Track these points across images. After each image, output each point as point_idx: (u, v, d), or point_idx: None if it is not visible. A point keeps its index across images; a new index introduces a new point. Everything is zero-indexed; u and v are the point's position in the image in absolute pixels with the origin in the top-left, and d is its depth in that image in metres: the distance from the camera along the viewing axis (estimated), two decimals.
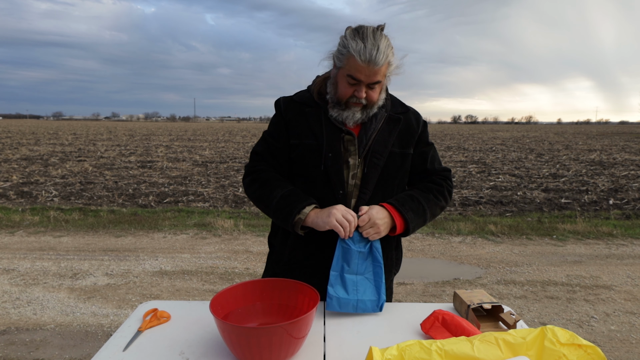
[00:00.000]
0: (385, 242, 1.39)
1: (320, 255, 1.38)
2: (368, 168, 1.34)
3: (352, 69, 1.24)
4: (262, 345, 1.01)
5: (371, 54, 1.20)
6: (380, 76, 1.26)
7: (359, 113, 1.32)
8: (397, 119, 1.40)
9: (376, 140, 1.36)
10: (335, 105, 1.34)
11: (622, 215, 6.85)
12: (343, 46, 1.26)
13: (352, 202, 1.35)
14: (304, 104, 1.39)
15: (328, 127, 1.34)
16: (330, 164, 1.32)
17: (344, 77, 1.28)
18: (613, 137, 35.18)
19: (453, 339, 0.95)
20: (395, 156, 1.38)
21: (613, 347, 2.93)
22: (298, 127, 1.37)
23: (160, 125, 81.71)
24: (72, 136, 29.26)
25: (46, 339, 2.98)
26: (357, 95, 1.28)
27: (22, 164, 12.76)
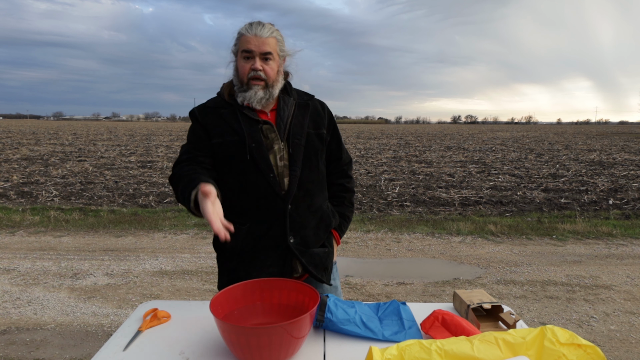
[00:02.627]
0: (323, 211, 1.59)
1: (272, 234, 1.46)
2: (292, 148, 1.46)
3: (243, 44, 1.42)
4: (262, 345, 1.01)
5: (257, 27, 1.42)
6: (269, 47, 1.42)
7: (260, 91, 1.44)
8: (306, 104, 1.56)
9: (293, 124, 1.49)
10: (240, 90, 1.46)
11: (621, 215, 6.85)
12: (236, 35, 1.47)
13: (285, 181, 1.46)
14: (218, 107, 1.49)
15: (245, 121, 1.45)
16: (255, 152, 1.42)
17: (240, 57, 1.44)
18: (613, 137, 35.18)
19: (453, 339, 0.95)
20: (312, 136, 1.53)
21: (613, 347, 2.93)
22: (218, 128, 1.46)
23: (161, 125, 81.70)
24: (73, 136, 29.26)
25: (46, 339, 2.98)
26: (253, 67, 1.41)
27: (22, 164, 12.76)
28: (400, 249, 5.06)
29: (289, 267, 1.48)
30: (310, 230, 1.51)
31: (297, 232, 1.48)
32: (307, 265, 1.48)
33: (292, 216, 1.45)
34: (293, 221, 1.46)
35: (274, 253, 1.46)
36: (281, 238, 1.46)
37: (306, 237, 1.50)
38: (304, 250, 1.49)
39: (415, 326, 1.25)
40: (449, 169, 12.48)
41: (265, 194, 1.43)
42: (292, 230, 1.46)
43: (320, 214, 1.56)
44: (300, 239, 1.49)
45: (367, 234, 5.70)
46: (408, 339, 1.13)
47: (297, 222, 1.47)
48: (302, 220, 1.48)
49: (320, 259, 1.54)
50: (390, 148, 20.84)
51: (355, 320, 1.22)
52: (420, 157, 16.04)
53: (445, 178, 10.74)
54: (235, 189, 1.46)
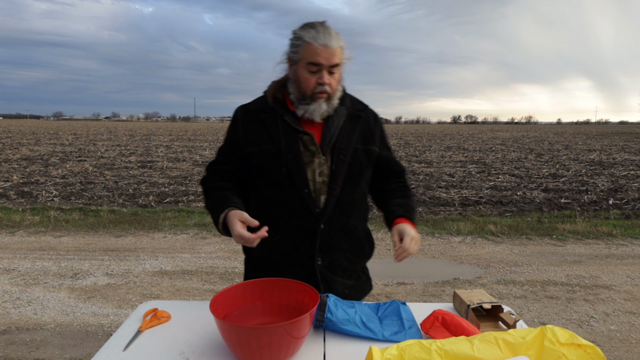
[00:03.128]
0: (358, 234, 1.48)
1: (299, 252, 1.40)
2: (336, 165, 1.36)
3: (310, 55, 1.29)
4: (262, 345, 1.01)
5: (325, 37, 1.28)
6: (337, 58, 1.31)
7: (324, 104, 1.35)
8: (358, 116, 1.44)
9: (340, 137, 1.39)
10: (301, 102, 1.36)
11: (621, 215, 6.85)
12: (296, 39, 1.32)
13: (321, 198, 1.37)
14: (260, 111, 1.42)
15: (285, 130, 1.36)
16: (291, 165, 1.34)
17: (304, 68, 1.32)
18: (612, 137, 35.18)
19: (453, 339, 0.95)
20: (359, 152, 1.41)
21: (613, 347, 2.93)
22: (255, 135, 1.40)
23: (161, 125, 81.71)
24: (73, 136, 29.26)
25: (46, 339, 2.98)
26: (320, 82, 1.31)
27: (22, 164, 12.76)
28: None
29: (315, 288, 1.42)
30: (341, 254, 1.42)
31: (327, 253, 1.39)
32: (323, 291, 1.38)
33: (324, 236, 1.37)
34: (324, 242, 1.37)
35: (300, 271, 1.39)
36: (309, 257, 1.38)
37: (336, 261, 1.41)
38: (329, 276, 1.41)
39: (415, 326, 1.25)
40: (449, 169, 12.48)
41: (298, 210, 1.35)
42: (322, 252, 1.38)
43: (355, 236, 1.46)
44: (330, 262, 1.40)
45: None
46: (408, 339, 1.13)
47: (328, 243, 1.38)
48: (333, 242, 1.39)
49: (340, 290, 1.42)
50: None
51: (355, 320, 1.22)
52: (420, 157, 16.04)
53: (445, 178, 10.74)
54: (268, 200, 1.39)
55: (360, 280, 1.52)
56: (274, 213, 1.38)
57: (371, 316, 1.27)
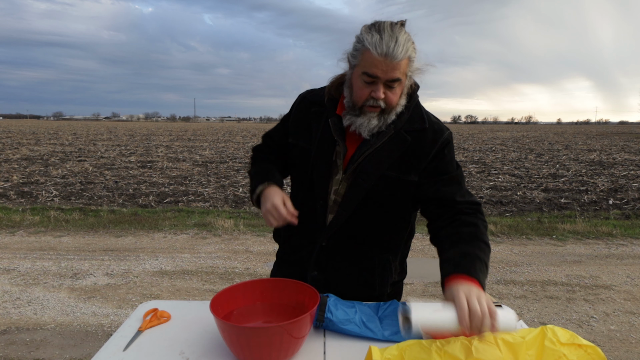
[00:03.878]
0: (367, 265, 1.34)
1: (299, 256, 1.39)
2: (350, 187, 1.23)
3: (367, 64, 1.11)
4: (262, 345, 1.01)
5: (388, 46, 1.07)
6: (399, 73, 1.11)
7: (375, 119, 1.17)
8: (405, 138, 1.20)
9: (368, 159, 1.20)
10: (350, 111, 1.20)
11: (621, 215, 6.85)
12: (357, 42, 1.14)
13: (329, 217, 1.28)
14: (313, 103, 1.31)
15: (324, 133, 1.25)
16: (316, 171, 1.26)
17: (359, 77, 1.14)
18: (613, 137, 35.17)
19: (453, 339, 0.95)
20: (388, 180, 1.22)
21: (613, 347, 2.93)
22: (300, 127, 1.32)
23: (161, 125, 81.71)
24: (73, 136, 29.26)
25: (46, 339, 2.98)
26: (374, 96, 1.13)
27: (22, 164, 12.75)
28: None
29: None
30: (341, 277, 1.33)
31: (324, 270, 1.33)
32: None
33: (324, 253, 1.30)
34: (323, 258, 1.32)
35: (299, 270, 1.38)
36: (304, 266, 1.36)
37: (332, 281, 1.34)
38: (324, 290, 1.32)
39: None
40: None
41: (308, 216, 1.29)
42: (318, 266, 1.33)
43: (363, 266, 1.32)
44: (325, 279, 1.34)
45: None
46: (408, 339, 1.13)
47: (328, 262, 1.32)
48: (334, 263, 1.32)
49: None
50: None
51: (355, 320, 1.22)
52: None
53: None
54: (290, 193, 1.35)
55: None
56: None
57: (371, 316, 1.27)
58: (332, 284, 1.35)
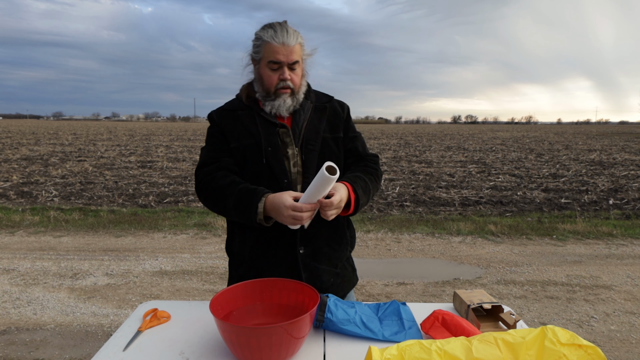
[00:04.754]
0: (338, 222, 1.50)
1: (281, 243, 1.43)
2: (306, 155, 1.43)
3: (270, 54, 1.36)
4: (262, 345, 1.01)
5: (282, 35, 1.35)
6: (296, 55, 1.38)
7: (289, 99, 1.41)
8: (324, 107, 1.51)
9: (308, 129, 1.45)
10: (266, 98, 1.43)
11: (622, 215, 6.85)
12: (256, 40, 1.40)
13: (297, 188, 1.42)
14: (235, 110, 1.47)
15: (262, 124, 1.42)
16: (271, 157, 1.40)
17: (266, 67, 1.39)
18: (613, 137, 35.18)
19: (453, 339, 0.95)
20: (328, 141, 1.48)
21: (613, 347, 2.93)
22: (235, 131, 1.44)
23: (161, 125, 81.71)
24: (72, 136, 29.26)
25: (46, 339, 2.98)
26: (282, 78, 1.38)
27: (22, 164, 12.76)
28: (400, 249, 5.05)
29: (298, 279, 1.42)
30: (323, 242, 1.46)
31: (308, 242, 1.43)
32: (306, 281, 1.40)
33: (304, 226, 1.38)
34: (305, 230, 1.41)
35: (283, 262, 1.43)
36: (291, 248, 1.42)
37: (318, 249, 1.45)
38: (311, 264, 1.44)
39: (415, 326, 1.25)
40: (449, 169, 12.48)
41: None
42: (303, 241, 1.42)
43: (335, 224, 1.48)
44: (312, 250, 1.44)
45: (367, 234, 5.70)
46: (408, 339, 1.13)
47: (309, 232, 1.42)
48: (314, 231, 1.42)
49: (325, 278, 1.46)
50: (390, 148, 20.84)
51: (355, 320, 1.22)
52: (420, 157, 16.04)
53: (445, 178, 10.74)
54: None
55: (345, 269, 1.56)
56: None
57: (371, 316, 1.27)
58: (318, 253, 1.45)
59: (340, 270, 1.52)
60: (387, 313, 1.31)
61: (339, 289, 1.51)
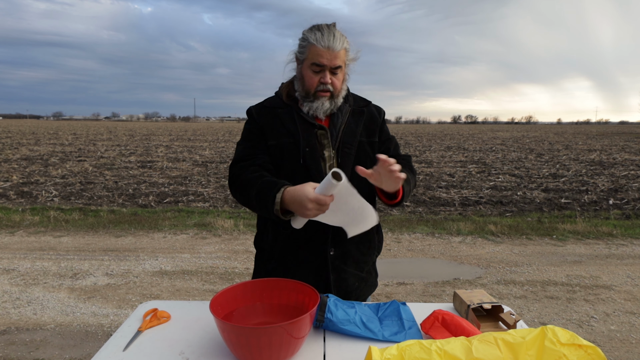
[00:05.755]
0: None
1: (313, 244, 1.44)
2: (341, 158, 1.44)
3: (314, 56, 1.37)
4: (262, 345, 1.01)
5: (329, 39, 1.35)
6: (340, 60, 1.38)
7: (327, 102, 1.42)
8: (361, 111, 1.53)
9: (345, 132, 1.46)
10: (305, 99, 1.43)
11: (622, 215, 6.85)
12: (302, 40, 1.40)
13: None
14: (275, 107, 1.47)
15: (302, 124, 1.43)
16: (308, 157, 1.41)
17: (308, 68, 1.39)
18: (613, 137, 35.18)
19: (453, 339, 0.95)
20: (364, 145, 1.49)
21: (613, 347, 2.93)
22: (273, 129, 1.45)
23: (160, 125, 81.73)
24: (72, 136, 29.26)
25: (46, 339, 2.98)
26: (323, 82, 1.38)
27: (22, 164, 12.75)
28: (400, 249, 5.05)
29: (325, 280, 1.45)
30: (352, 245, 1.47)
31: (339, 244, 1.44)
32: (333, 282, 1.43)
33: (336, 227, 1.39)
34: (336, 233, 1.41)
35: (313, 263, 1.44)
36: (322, 249, 1.43)
37: (348, 252, 1.47)
38: (340, 267, 1.45)
39: (415, 326, 1.25)
40: (449, 169, 12.48)
41: None
42: (334, 242, 1.44)
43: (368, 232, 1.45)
44: (342, 253, 1.45)
45: None
46: (408, 339, 1.13)
47: (340, 235, 1.41)
48: (345, 233, 1.40)
49: (351, 281, 1.48)
50: None
51: (355, 320, 1.22)
52: (420, 157, 16.04)
53: (445, 178, 10.74)
54: None
55: (370, 274, 1.58)
56: None
57: (371, 316, 1.27)
58: (347, 255, 1.47)
59: (365, 275, 1.54)
60: (387, 313, 1.31)
61: (362, 293, 1.53)
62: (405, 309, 1.32)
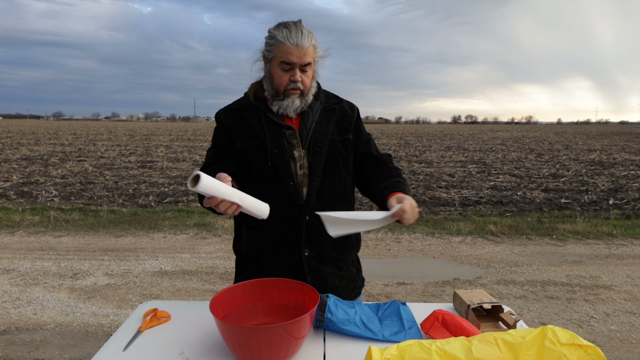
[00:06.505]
0: None
1: (287, 245, 1.42)
2: (312, 157, 1.41)
3: (283, 54, 1.33)
4: (262, 345, 1.01)
5: (297, 36, 1.32)
6: (309, 57, 1.35)
7: (297, 100, 1.39)
8: (332, 108, 1.49)
9: (316, 131, 1.43)
10: (275, 98, 1.41)
11: (622, 215, 6.85)
12: (270, 38, 1.37)
13: (304, 190, 1.41)
14: (242, 110, 1.45)
15: (269, 125, 1.41)
16: (276, 159, 1.38)
17: (277, 66, 1.36)
18: (613, 137, 35.17)
19: (453, 339, 0.95)
20: (336, 143, 1.46)
21: (613, 347, 2.93)
22: (241, 132, 1.43)
23: (160, 125, 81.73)
24: (72, 136, 29.26)
25: (46, 339, 2.98)
26: (292, 79, 1.36)
27: (22, 164, 12.75)
28: (400, 249, 5.05)
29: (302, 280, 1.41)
30: (327, 244, 1.44)
31: (314, 245, 1.42)
32: (310, 283, 1.40)
33: (309, 228, 1.39)
34: (310, 233, 1.40)
35: (288, 264, 1.42)
36: (296, 249, 1.41)
37: (323, 252, 1.44)
38: (316, 267, 1.43)
39: (415, 326, 1.25)
40: (449, 169, 12.48)
41: (284, 203, 1.38)
42: (308, 243, 1.42)
43: None
44: (317, 252, 1.43)
45: (367, 234, 5.70)
46: (408, 339, 1.13)
47: (314, 235, 1.40)
48: (319, 233, 1.38)
49: (330, 281, 1.45)
50: (390, 148, 20.84)
51: (355, 320, 1.22)
52: (420, 157, 16.04)
53: (445, 178, 10.74)
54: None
55: (350, 271, 1.55)
56: None
57: (371, 316, 1.27)
58: (323, 255, 1.44)
59: (345, 273, 1.52)
60: (387, 313, 1.31)
61: (343, 290, 1.51)
62: (405, 309, 1.32)
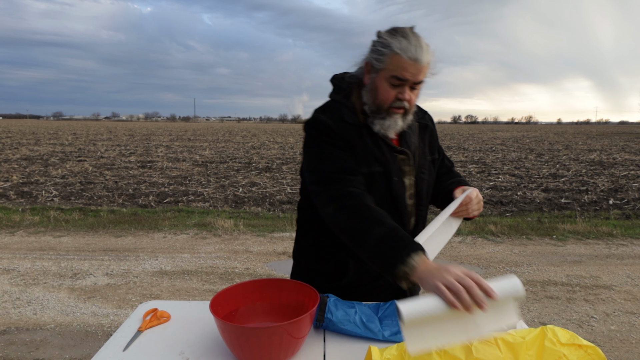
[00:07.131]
0: None
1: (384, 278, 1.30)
2: (419, 184, 1.28)
3: (397, 68, 1.15)
4: (262, 345, 1.01)
5: (417, 50, 1.13)
6: (423, 75, 1.18)
7: (400, 120, 1.23)
8: (425, 125, 1.34)
9: (419, 155, 1.29)
10: (376, 115, 1.23)
11: (622, 215, 6.85)
12: (383, 46, 1.16)
13: (411, 220, 1.29)
14: (357, 126, 1.24)
15: (387, 150, 1.25)
16: (397, 189, 1.24)
17: (385, 80, 1.18)
18: (613, 137, 35.17)
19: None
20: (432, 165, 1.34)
21: (613, 347, 2.93)
22: (363, 152, 1.23)
23: (160, 125, 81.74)
24: (72, 136, 29.26)
25: (46, 339, 2.98)
26: (401, 97, 1.18)
27: (22, 164, 12.75)
28: None
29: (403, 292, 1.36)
30: None
31: None
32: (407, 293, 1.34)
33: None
34: None
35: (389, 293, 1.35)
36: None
37: None
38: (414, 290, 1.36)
39: None
40: None
41: None
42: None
43: None
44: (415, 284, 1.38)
45: None
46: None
47: None
48: None
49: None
50: None
51: (355, 320, 1.22)
52: None
53: None
54: None
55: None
56: None
57: (371, 316, 1.27)
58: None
59: None
60: (387, 313, 1.30)
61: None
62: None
